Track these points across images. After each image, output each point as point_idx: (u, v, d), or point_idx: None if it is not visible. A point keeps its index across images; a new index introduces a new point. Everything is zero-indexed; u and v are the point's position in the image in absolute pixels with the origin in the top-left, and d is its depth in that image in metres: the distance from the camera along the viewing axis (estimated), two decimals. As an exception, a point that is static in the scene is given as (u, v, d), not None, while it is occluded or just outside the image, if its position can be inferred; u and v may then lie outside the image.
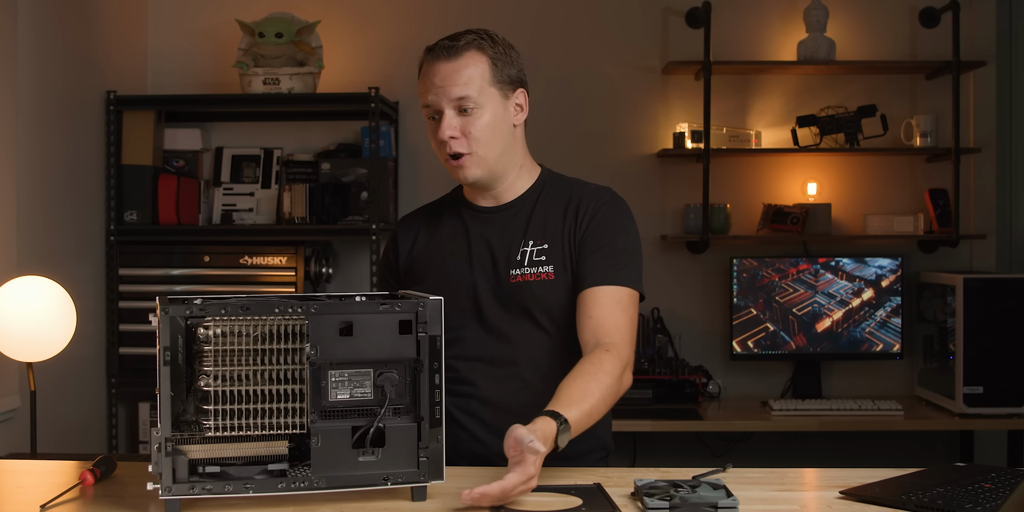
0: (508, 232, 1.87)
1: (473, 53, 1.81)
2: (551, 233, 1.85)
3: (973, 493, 1.49)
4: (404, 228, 1.99)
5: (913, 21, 3.75)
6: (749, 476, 1.65)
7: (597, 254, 1.81)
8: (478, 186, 1.88)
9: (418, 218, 2.00)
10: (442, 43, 1.83)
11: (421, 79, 1.86)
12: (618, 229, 1.84)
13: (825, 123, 3.65)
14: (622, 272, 1.80)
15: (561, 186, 1.91)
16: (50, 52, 3.06)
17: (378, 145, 3.48)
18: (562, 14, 3.78)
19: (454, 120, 1.80)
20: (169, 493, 1.40)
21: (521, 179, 1.91)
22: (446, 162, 1.84)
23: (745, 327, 3.65)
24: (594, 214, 1.84)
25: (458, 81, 1.79)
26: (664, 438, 3.65)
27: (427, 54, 1.86)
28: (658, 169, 3.82)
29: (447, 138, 1.80)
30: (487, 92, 1.81)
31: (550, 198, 1.89)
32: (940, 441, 3.77)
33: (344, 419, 1.46)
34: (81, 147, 3.33)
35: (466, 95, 1.79)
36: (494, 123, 1.82)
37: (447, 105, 1.80)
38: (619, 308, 1.78)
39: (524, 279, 1.82)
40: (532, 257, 1.84)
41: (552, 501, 1.50)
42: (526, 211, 1.88)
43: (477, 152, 1.81)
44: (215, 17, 3.82)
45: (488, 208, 1.91)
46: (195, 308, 1.41)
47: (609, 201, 1.87)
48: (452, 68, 1.80)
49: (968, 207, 3.76)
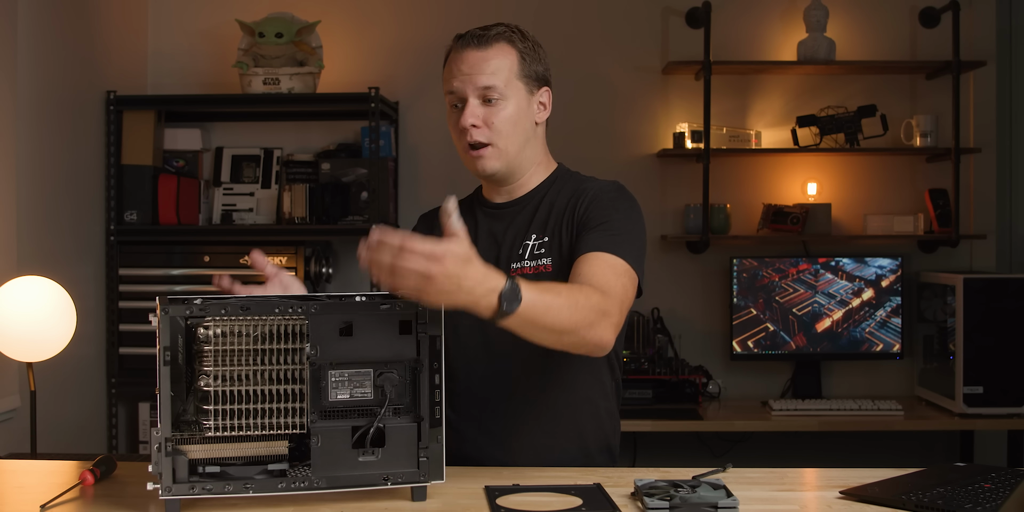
0: (514, 226, 1.87)
1: (503, 44, 1.80)
2: (552, 226, 1.84)
3: (973, 493, 1.49)
4: (423, 226, 1.99)
5: (913, 21, 3.75)
6: (749, 476, 1.65)
7: (595, 230, 1.74)
8: (494, 180, 1.87)
9: (435, 216, 1.97)
10: (473, 32, 1.82)
11: (448, 65, 1.83)
12: (619, 214, 1.78)
13: (825, 123, 3.65)
14: (621, 248, 1.71)
15: (570, 182, 1.90)
16: (50, 52, 3.06)
17: (378, 145, 3.48)
18: (562, 14, 3.79)
19: (478, 109, 1.78)
20: (169, 493, 1.40)
21: (536, 176, 1.90)
22: (465, 152, 1.82)
23: (745, 327, 3.65)
24: (594, 199, 1.80)
25: (485, 70, 1.78)
26: (664, 438, 3.65)
27: (456, 41, 1.83)
28: (658, 169, 3.82)
29: (468, 125, 1.78)
30: (513, 85, 1.80)
31: (558, 194, 1.88)
32: (940, 441, 3.77)
33: (344, 419, 1.46)
34: (81, 147, 3.33)
35: (492, 85, 1.78)
36: (517, 116, 1.80)
37: (472, 93, 1.78)
38: (612, 272, 1.67)
39: (523, 272, 1.81)
40: (533, 251, 1.83)
41: (552, 501, 1.50)
42: (532, 206, 1.88)
43: (497, 144, 1.80)
44: (215, 17, 3.82)
45: (499, 204, 1.91)
46: (195, 308, 1.41)
47: (613, 189, 1.83)
48: (481, 57, 1.79)
49: (968, 207, 3.76)
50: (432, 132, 3.82)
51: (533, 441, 1.82)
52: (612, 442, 1.90)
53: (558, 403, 1.83)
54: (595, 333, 1.56)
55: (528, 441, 1.82)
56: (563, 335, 1.54)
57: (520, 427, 1.82)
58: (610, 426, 1.89)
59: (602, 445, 1.88)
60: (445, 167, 3.80)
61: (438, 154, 3.82)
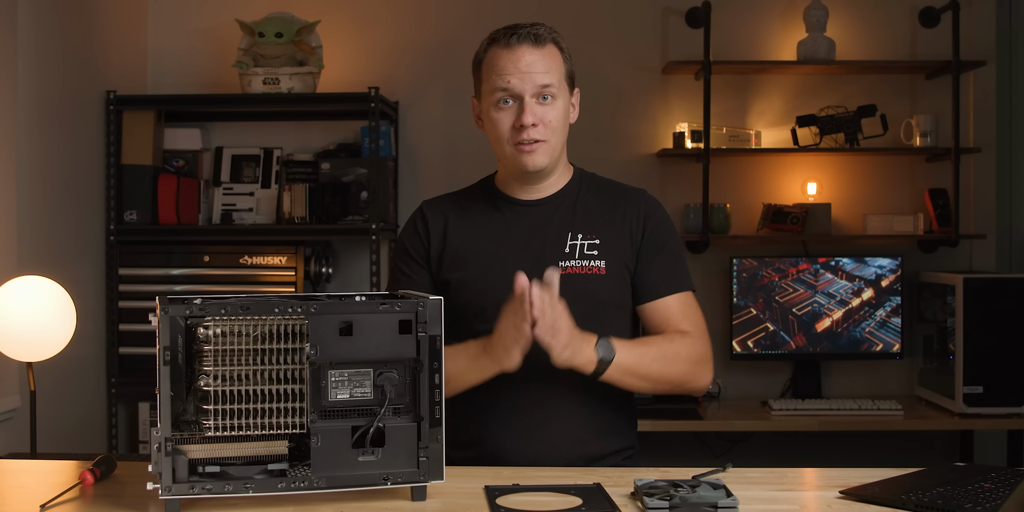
0: (553, 225, 1.88)
1: (553, 45, 1.84)
2: (602, 229, 1.87)
3: (973, 493, 1.49)
4: (432, 212, 1.95)
5: (913, 21, 3.75)
6: (749, 476, 1.65)
7: (657, 260, 1.87)
8: (535, 176, 1.87)
9: (445, 204, 1.97)
10: (521, 30, 1.82)
11: (495, 62, 1.82)
12: (670, 234, 1.91)
13: (825, 123, 3.65)
14: (682, 276, 1.89)
15: (600, 184, 1.95)
16: (50, 52, 3.06)
17: (378, 145, 3.48)
18: (562, 14, 3.78)
19: (536, 107, 1.80)
20: (169, 493, 1.40)
21: (563, 176, 1.93)
22: (514, 146, 1.82)
23: (745, 327, 3.65)
24: (647, 217, 1.90)
25: (542, 69, 1.80)
26: (664, 438, 3.65)
27: (505, 38, 1.82)
28: (658, 169, 3.82)
29: (530, 124, 1.79)
30: (562, 85, 1.84)
31: (591, 195, 1.91)
32: (940, 441, 3.77)
33: (344, 419, 1.46)
34: (81, 147, 3.33)
35: (550, 83, 1.80)
36: (566, 115, 1.86)
37: (530, 91, 1.80)
38: (689, 309, 1.88)
39: (574, 271, 1.83)
40: (583, 251, 1.86)
41: (552, 501, 1.50)
42: (567, 205, 1.90)
43: (550, 141, 1.82)
44: (215, 17, 3.82)
45: (528, 201, 1.91)
46: (195, 308, 1.41)
47: (658, 206, 1.93)
48: (539, 55, 1.81)
49: (968, 207, 3.76)
50: (432, 132, 3.82)
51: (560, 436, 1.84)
52: (634, 441, 1.94)
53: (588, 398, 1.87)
54: (696, 384, 1.84)
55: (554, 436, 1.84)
56: (659, 384, 1.80)
57: (549, 421, 1.84)
58: (632, 424, 1.95)
59: (628, 443, 1.91)
60: (445, 167, 3.81)
61: (438, 154, 3.82)
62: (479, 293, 1.85)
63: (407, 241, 1.95)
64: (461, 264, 1.88)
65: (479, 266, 1.86)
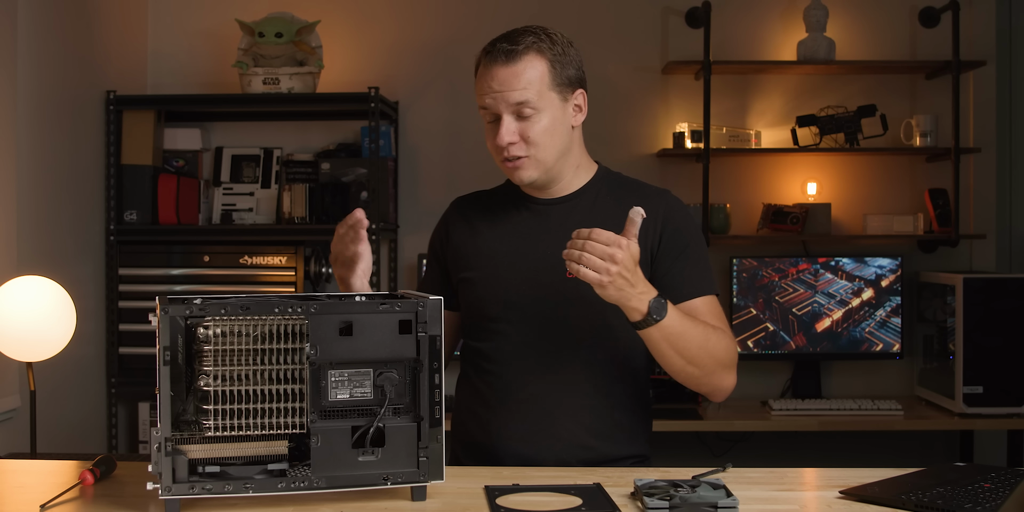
0: (570, 223, 1.85)
1: (532, 56, 1.77)
2: (618, 229, 1.85)
3: (973, 493, 1.49)
4: (457, 211, 1.98)
5: (913, 21, 3.75)
6: (749, 476, 1.65)
7: (679, 261, 1.83)
8: (534, 186, 1.87)
9: (471, 202, 1.98)
10: (500, 46, 1.78)
11: (478, 80, 1.81)
12: (692, 235, 1.87)
13: (825, 123, 3.65)
14: (706, 279, 1.85)
15: (622, 183, 1.92)
16: (50, 52, 3.06)
17: (378, 145, 3.48)
18: (561, 14, 3.79)
19: (512, 125, 1.77)
20: (169, 493, 1.40)
21: (579, 177, 1.90)
22: (502, 163, 1.82)
23: (745, 327, 3.65)
24: (665, 218, 1.85)
25: (516, 86, 1.75)
26: (664, 438, 3.64)
27: (485, 55, 1.80)
28: (658, 169, 3.81)
29: (505, 144, 1.78)
30: (546, 96, 1.78)
31: (610, 194, 1.89)
32: (940, 441, 3.77)
33: (344, 419, 1.46)
34: (81, 147, 3.33)
35: (525, 100, 1.76)
36: (552, 127, 1.79)
37: (505, 110, 1.77)
38: (714, 315, 1.82)
39: None
40: None
41: (552, 501, 1.50)
42: (586, 205, 1.88)
43: (535, 155, 1.80)
44: (215, 17, 3.82)
45: (547, 200, 1.90)
46: (195, 308, 1.41)
47: (680, 206, 1.89)
48: (511, 73, 1.76)
49: (968, 207, 3.76)
50: (432, 132, 3.82)
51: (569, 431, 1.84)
52: (646, 446, 1.96)
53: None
54: (720, 383, 1.80)
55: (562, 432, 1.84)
56: (687, 366, 1.73)
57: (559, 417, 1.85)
58: (646, 429, 1.97)
59: (640, 448, 1.94)
60: (445, 167, 3.81)
61: (438, 154, 3.82)
62: (492, 291, 1.85)
63: (433, 238, 2.01)
64: (477, 262, 1.89)
65: (493, 264, 1.87)
